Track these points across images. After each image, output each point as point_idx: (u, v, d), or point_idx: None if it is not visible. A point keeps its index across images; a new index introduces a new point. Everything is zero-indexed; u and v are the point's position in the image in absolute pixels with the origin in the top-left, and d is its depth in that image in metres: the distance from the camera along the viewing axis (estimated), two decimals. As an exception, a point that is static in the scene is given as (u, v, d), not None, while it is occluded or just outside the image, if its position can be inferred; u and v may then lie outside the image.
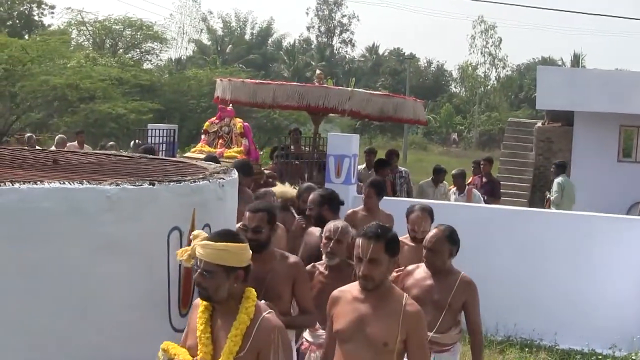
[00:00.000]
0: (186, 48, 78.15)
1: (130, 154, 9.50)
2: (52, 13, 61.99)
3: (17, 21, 60.21)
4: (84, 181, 5.28)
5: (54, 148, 14.61)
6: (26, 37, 49.97)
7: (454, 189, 14.67)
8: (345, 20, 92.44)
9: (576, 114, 20.55)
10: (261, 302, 4.81)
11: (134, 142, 15.60)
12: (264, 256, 6.15)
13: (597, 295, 11.18)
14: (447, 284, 6.56)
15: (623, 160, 20.41)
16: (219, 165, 7.87)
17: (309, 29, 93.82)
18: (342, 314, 5.16)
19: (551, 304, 11.26)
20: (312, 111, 14.03)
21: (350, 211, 9.96)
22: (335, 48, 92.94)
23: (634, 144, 20.60)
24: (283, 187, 9.98)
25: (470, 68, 77.64)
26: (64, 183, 5.14)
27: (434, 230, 6.70)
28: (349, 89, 13.92)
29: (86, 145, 19.08)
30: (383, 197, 10.06)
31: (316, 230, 8.13)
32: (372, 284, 5.01)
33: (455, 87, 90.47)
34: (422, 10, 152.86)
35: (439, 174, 14.85)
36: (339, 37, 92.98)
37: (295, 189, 9.91)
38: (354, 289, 5.20)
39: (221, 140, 12.11)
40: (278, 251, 6.40)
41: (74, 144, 18.49)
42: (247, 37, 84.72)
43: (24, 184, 4.98)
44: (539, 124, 24.42)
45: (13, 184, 4.93)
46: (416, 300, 6.22)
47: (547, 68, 31.64)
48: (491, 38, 77.48)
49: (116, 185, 5.33)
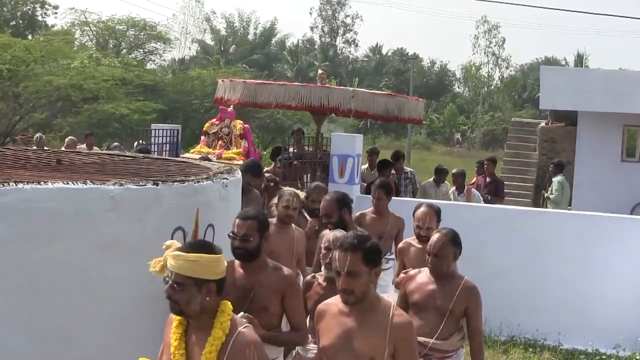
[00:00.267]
0: (189, 48, 78.29)
1: (133, 154, 9.51)
2: (56, 13, 62.28)
3: (21, 21, 60.25)
4: (88, 181, 5.29)
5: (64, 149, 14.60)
6: (29, 37, 49.98)
7: (453, 189, 14.65)
8: (348, 21, 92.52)
9: (580, 113, 20.50)
10: (238, 316, 4.60)
11: (137, 143, 15.59)
12: (253, 266, 5.84)
13: (601, 295, 11.16)
14: (449, 289, 6.36)
15: (626, 160, 20.35)
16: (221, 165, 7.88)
17: (312, 29, 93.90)
18: (327, 329, 4.92)
19: (555, 304, 11.25)
20: (314, 111, 14.00)
21: (358, 213, 9.79)
22: (338, 48, 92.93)
23: (637, 143, 20.55)
24: (290, 190, 9.75)
25: (473, 68, 77.71)
26: (68, 183, 5.15)
27: (437, 235, 6.46)
28: (351, 88, 13.90)
29: (94, 147, 19.04)
30: (391, 198, 9.90)
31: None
32: (353, 297, 4.74)
33: (458, 87, 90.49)
34: (426, 10, 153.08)
35: (440, 173, 14.82)
36: (342, 37, 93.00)
37: (301, 190, 9.68)
38: (339, 302, 4.91)
39: (220, 141, 12.09)
40: (271, 262, 5.98)
41: (83, 146, 18.44)
42: (251, 37, 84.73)
43: (28, 184, 4.99)
44: (543, 123, 24.42)
45: (17, 184, 4.94)
46: (418, 306, 6.42)
47: (551, 68, 31.55)
48: (494, 38, 77.64)
49: (120, 185, 5.34)
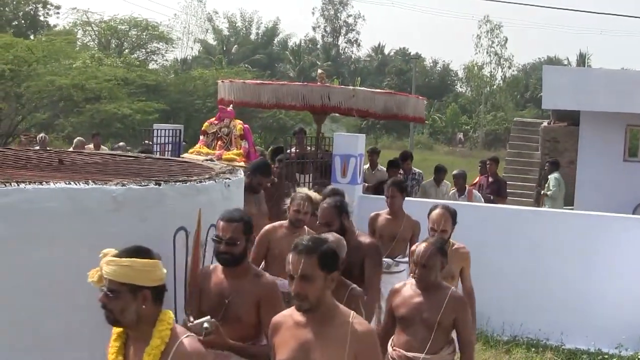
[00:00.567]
0: (192, 48, 78.25)
1: (135, 154, 9.50)
2: (58, 13, 62.28)
3: (23, 21, 60.24)
4: (90, 181, 5.28)
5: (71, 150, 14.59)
6: (32, 37, 50.03)
7: (454, 190, 14.58)
8: (350, 20, 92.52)
9: (582, 113, 20.50)
10: (179, 326, 4.30)
11: (144, 143, 15.54)
12: (235, 272, 5.53)
13: (603, 295, 11.16)
14: (436, 300, 6.12)
15: (629, 159, 20.35)
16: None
17: (314, 29, 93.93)
18: (283, 342, 4.62)
19: (557, 303, 11.24)
20: (315, 111, 13.99)
21: (373, 214, 9.72)
22: (341, 48, 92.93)
23: (639, 143, 20.57)
24: (306, 192, 9.06)
25: (476, 68, 77.72)
26: (70, 183, 5.15)
27: (424, 245, 6.18)
28: (351, 87, 13.85)
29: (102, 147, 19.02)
30: (405, 196, 9.74)
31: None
32: (307, 303, 4.43)
33: (461, 86, 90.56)
34: (428, 9, 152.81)
35: (439, 172, 14.71)
36: (344, 37, 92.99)
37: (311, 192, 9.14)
38: (295, 312, 4.61)
39: (220, 141, 12.06)
40: (253, 268, 5.71)
41: (90, 146, 18.42)
42: (253, 37, 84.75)
43: (30, 184, 4.99)
44: (545, 123, 24.40)
45: (19, 184, 4.94)
46: (405, 320, 6.19)
47: (553, 68, 31.53)
48: (497, 38, 77.62)
49: (122, 186, 5.34)
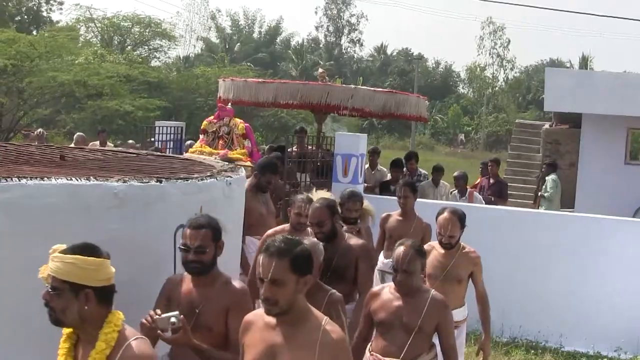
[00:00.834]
0: (194, 46, 78.38)
1: (137, 151, 9.50)
2: (61, 9, 62.30)
3: (26, 17, 60.24)
4: (91, 177, 5.28)
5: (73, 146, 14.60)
6: (34, 32, 50.03)
7: (455, 192, 14.51)
8: (353, 20, 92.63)
9: (584, 116, 20.48)
10: (129, 328, 4.10)
11: (148, 141, 15.49)
12: (204, 280, 5.29)
13: (603, 298, 11.17)
14: (416, 304, 5.93)
15: (630, 162, 20.34)
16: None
17: (317, 28, 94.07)
18: (251, 344, 4.45)
19: (557, 306, 11.26)
20: (315, 109, 13.98)
21: (384, 214, 9.69)
22: (343, 47, 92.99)
23: (641, 146, 20.59)
24: (321, 194, 8.57)
25: (478, 69, 77.75)
26: (71, 179, 5.15)
27: (402, 249, 5.94)
28: (352, 86, 13.83)
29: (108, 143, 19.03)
30: (417, 197, 9.74)
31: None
32: (277, 308, 4.22)
33: (463, 88, 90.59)
34: (431, 10, 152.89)
35: (437, 173, 14.52)
36: (347, 37, 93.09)
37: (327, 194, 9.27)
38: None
39: (222, 140, 12.04)
40: (223, 275, 5.39)
41: (96, 143, 18.41)
42: (256, 35, 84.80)
43: (31, 179, 4.99)
44: (547, 125, 24.38)
45: (20, 180, 4.94)
46: (383, 324, 6.01)
47: (556, 70, 31.57)
48: (500, 39, 77.71)
49: (123, 182, 5.34)
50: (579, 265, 11.30)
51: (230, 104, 12.83)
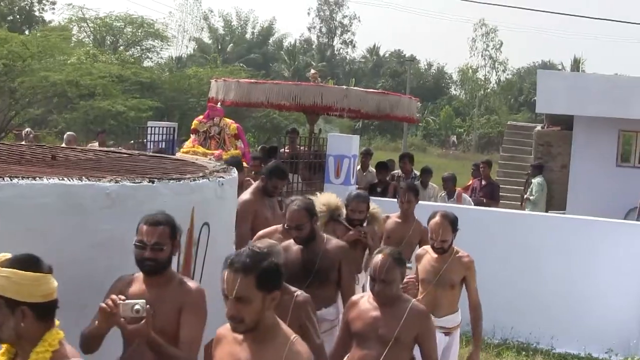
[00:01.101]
0: (187, 46, 78.34)
1: (130, 151, 9.49)
2: (53, 9, 62.15)
3: (18, 16, 60.14)
4: (84, 177, 5.28)
5: (64, 146, 14.58)
6: (27, 32, 49.92)
7: (443, 194, 14.46)
8: (346, 21, 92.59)
9: (575, 118, 20.50)
10: (69, 347, 3.83)
11: (136, 142, 15.46)
12: (158, 281, 5.06)
13: (594, 300, 11.18)
14: (394, 314, 5.70)
15: (622, 165, 20.35)
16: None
17: (310, 29, 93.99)
18: (220, 358, 4.33)
19: (548, 307, 11.27)
20: (307, 110, 13.99)
21: (384, 216, 9.45)
22: (336, 49, 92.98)
23: (632, 148, 20.56)
24: (326, 196, 8.75)
25: (470, 71, 77.84)
26: (63, 179, 5.14)
27: (380, 258, 5.68)
28: (344, 87, 13.85)
29: (90, 143, 19.00)
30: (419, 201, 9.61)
31: None
32: (243, 326, 4.02)
33: (455, 89, 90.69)
34: (424, 12, 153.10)
35: (426, 175, 14.43)
36: (339, 38, 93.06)
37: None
38: None
39: (213, 141, 12.03)
40: (178, 275, 5.21)
41: (95, 143, 18.39)
42: (248, 36, 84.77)
43: (23, 179, 4.98)
44: (539, 127, 24.37)
45: (12, 180, 4.93)
46: (360, 335, 5.77)
47: (547, 72, 31.56)
48: (492, 41, 77.78)
49: (116, 182, 5.33)
50: (570, 267, 11.32)
51: (219, 103, 12.84)
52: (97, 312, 4.74)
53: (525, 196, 18.36)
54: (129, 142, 19.81)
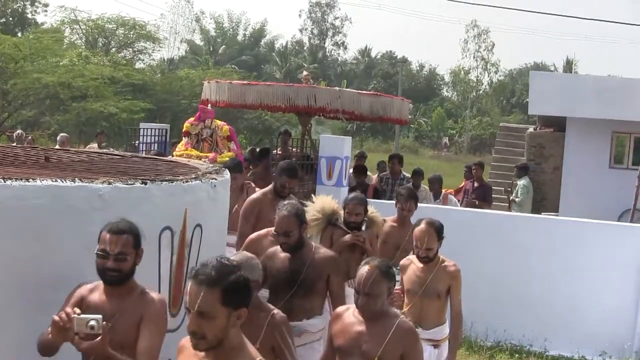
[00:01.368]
0: (178, 48, 78.36)
1: (122, 152, 9.47)
2: (46, 11, 61.84)
3: (11, 19, 60.15)
4: (76, 179, 5.26)
5: (58, 147, 14.54)
6: (19, 34, 49.93)
7: (430, 195, 14.41)
8: (337, 23, 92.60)
9: (568, 119, 20.54)
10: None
11: (131, 144, 15.37)
12: (120, 291, 4.84)
13: (588, 302, 11.18)
14: (380, 331, 5.31)
15: (615, 166, 20.40)
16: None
17: (301, 31, 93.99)
18: None
19: (541, 309, 11.26)
20: (300, 112, 13.97)
21: (381, 220, 9.30)
22: (327, 50, 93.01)
23: (625, 150, 20.62)
24: (321, 201, 8.43)
25: (462, 72, 77.95)
26: (56, 180, 5.13)
27: (367, 269, 5.29)
28: (337, 88, 13.86)
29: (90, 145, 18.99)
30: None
31: None
32: (204, 343, 3.75)
33: (447, 91, 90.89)
34: (415, 13, 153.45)
35: (417, 177, 14.35)
36: (331, 40, 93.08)
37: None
38: None
39: (206, 143, 11.99)
40: (140, 286, 4.93)
41: (94, 145, 18.37)
42: (240, 38, 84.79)
43: (16, 180, 4.96)
44: (531, 129, 24.41)
45: (5, 181, 4.91)
46: (342, 351, 5.46)
47: (540, 73, 31.63)
48: (484, 43, 77.88)
49: (108, 184, 5.32)
50: (563, 269, 11.31)
51: (210, 105, 12.81)
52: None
53: (511, 198, 18.35)
54: (121, 143, 19.76)
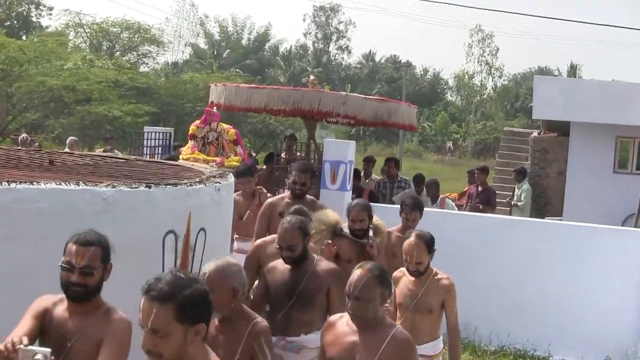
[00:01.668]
0: (183, 52, 78.41)
1: (126, 156, 9.48)
2: (50, 14, 61.95)
3: (15, 22, 60.27)
4: (80, 182, 5.27)
5: (67, 150, 14.56)
6: (24, 37, 49.97)
7: (427, 200, 14.35)
8: (341, 27, 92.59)
9: (572, 124, 20.52)
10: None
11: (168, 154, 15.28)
12: (84, 308, 4.47)
13: (592, 307, 11.15)
14: (374, 341, 5.01)
15: (619, 171, 20.39)
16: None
17: (305, 35, 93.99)
18: None
19: (545, 314, 11.24)
20: (306, 116, 13.95)
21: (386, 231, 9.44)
22: (331, 54, 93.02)
23: (629, 155, 20.60)
24: (323, 213, 8.09)
25: (466, 77, 77.95)
26: (60, 184, 5.13)
27: (359, 272, 5.00)
28: (343, 93, 13.82)
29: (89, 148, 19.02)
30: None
31: None
32: None
33: (451, 95, 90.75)
34: (419, 17, 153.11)
35: (419, 183, 14.29)
36: (335, 44, 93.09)
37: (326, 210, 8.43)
38: None
39: (212, 147, 11.98)
40: (105, 304, 4.56)
41: (106, 149, 18.40)
42: (244, 42, 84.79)
43: (20, 183, 4.97)
44: (535, 133, 24.41)
45: (9, 184, 4.92)
46: None
47: (544, 78, 31.63)
48: (488, 47, 77.89)
49: (112, 187, 5.33)
50: (567, 273, 11.29)
51: (215, 107, 12.81)
52: None
53: (513, 202, 18.27)
54: (125, 147, 19.78)
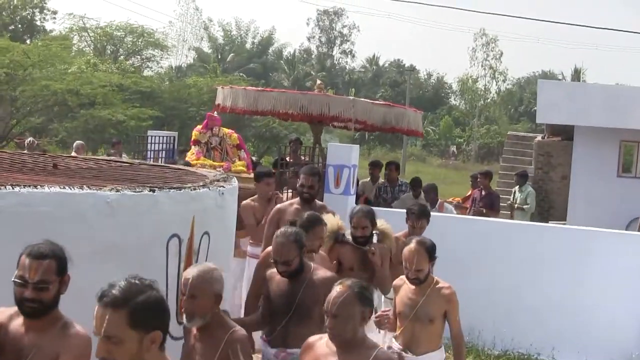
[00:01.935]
0: (186, 56, 78.42)
1: (130, 159, 9.49)
2: (54, 18, 62.05)
3: (20, 26, 60.35)
4: (84, 186, 5.28)
5: (74, 154, 14.55)
6: (28, 41, 50.04)
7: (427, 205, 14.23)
8: (345, 31, 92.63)
9: (576, 128, 20.51)
10: None
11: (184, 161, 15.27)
12: (40, 323, 4.28)
13: (595, 311, 11.15)
14: None
15: (623, 175, 20.37)
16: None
17: (309, 39, 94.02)
18: None
19: (549, 318, 11.23)
20: (313, 120, 13.92)
21: (393, 237, 9.03)
22: (335, 58, 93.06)
23: (634, 159, 20.58)
24: (325, 219, 7.75)
25: (470, 81, 77.79)
26: (64, 188, 5.14)
27: (338, 289, 4.74)
28: (350, 97, 13.79)
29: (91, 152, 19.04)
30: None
31: None
32: None
33: (455, 99, 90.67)
34: (423, 21, 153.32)
35: (416, 187, 14.18)
36: (339, 48, 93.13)
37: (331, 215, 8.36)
38: None
39: (216, 152, 11.96)
40: (64, 318, 4.36)
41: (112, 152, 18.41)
42: (248, 46, 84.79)
43: (25, 187, 4.98)
44: (539, 137, 24.39)
45: (13, 188, 4.93)
46: None
47: (548, 82, 31.63)
48: (492, 51, 77.64)
49: (116, 191, 5.33)
50: (571, 277, 11.29)
51: (216, 112, 12.79)
52: None
53: (517, 205, 18.15)
54: (129, 151, 19.76)
